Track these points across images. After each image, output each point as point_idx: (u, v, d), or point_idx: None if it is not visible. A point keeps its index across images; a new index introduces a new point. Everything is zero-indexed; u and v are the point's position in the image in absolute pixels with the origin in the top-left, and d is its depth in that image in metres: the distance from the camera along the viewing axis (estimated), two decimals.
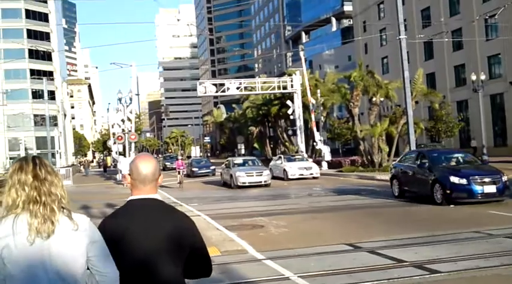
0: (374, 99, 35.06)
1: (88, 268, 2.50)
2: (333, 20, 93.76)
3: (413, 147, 29.53)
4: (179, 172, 30.16)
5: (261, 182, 26.61)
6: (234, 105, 71.03)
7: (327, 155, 37.44)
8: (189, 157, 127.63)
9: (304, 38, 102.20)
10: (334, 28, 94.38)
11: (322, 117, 39.47)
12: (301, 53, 41.54)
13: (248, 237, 11.24)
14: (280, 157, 33.78)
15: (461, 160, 17.23)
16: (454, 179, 14.80)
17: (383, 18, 65.33)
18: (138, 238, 2.70)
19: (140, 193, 2.84)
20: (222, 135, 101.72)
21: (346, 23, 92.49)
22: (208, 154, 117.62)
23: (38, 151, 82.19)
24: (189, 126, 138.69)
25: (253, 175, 26.64)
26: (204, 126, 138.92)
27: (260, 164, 29.71)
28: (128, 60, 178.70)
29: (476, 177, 14.85)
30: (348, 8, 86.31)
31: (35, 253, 2.37)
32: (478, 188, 14.58)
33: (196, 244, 2.89)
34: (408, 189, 17.46)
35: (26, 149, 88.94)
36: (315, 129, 38.45)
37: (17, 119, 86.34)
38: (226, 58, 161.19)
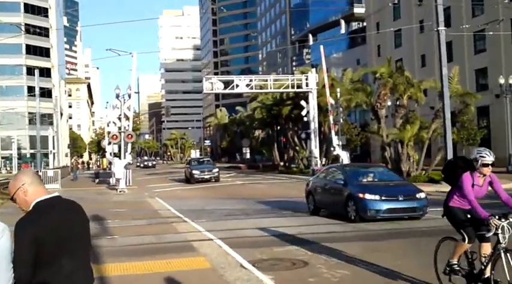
0: (401, 99, 31.14)
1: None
2: (342, 22, 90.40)
3: (450, 155, 25.79)
4: None
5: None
6: (238, 107, 67.08)
7: (346, 162, 33.40)
8: None
9: (311, 40, 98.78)
10: (343, 30, 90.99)
11: (341, 119, 35.46)
12: (321, 48, 37.64)
13: None
14: None
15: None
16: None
17: (398, 19, 61.79)
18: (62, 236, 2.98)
19: (42, 194, 3.10)
20: (224, 138, 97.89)
21: (355, 25, 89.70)
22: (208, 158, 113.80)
23: (32, 151, 78.22)
24: (190, 128, 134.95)
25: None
26: (205, 129, 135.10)
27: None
28: (129, 62, 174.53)
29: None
30: (358, 10, 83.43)
31: None
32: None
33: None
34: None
35: (18, 148, 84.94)
36: (333, 132, 34.45)
37: (11, 117, 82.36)
38: (229, 61, 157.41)
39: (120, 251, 10.42)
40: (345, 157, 33.39)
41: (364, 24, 78.24)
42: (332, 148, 34.74)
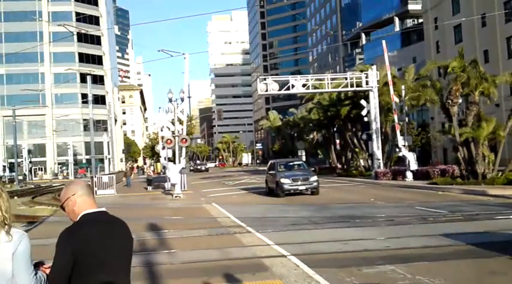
0: (472, 95, 28.64)
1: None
2: (396, 19, 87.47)
3: None
4: None
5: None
6: (292, 109, 65.29)
7: (413, 164, 31.17)
8: (240, 164, 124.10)
9: (363, 39, 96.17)
10: (397, 28, 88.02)
11: (406, 119, 33.14)
12: (383, 42, 35.48)
13: None
14: None
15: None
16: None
17: (457, 13, 58.71)
18: (100, 251, 3.01)
19: (90, 207, 3.14)
20: (276, 141, 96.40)
21: (410, 22, 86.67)
22: (258, 161, 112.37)
23: (87, 157, 79.27)
24: (240, 132, 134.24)
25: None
26: (257, 132, 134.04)
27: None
28: (180, 68, 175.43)
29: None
30: (412, 7, 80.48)
31: None
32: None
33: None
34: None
35: (74, 154, 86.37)
36: (398, 132, 32.21)
37: (66, 124, 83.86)
38: (279, 63, 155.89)
39: (182, 270, 8.97)
40: (411, 158, 31.13)
41: (420, 20, 75.39)
42: (397, 150, 32.54)
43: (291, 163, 29.03)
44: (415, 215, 16.47)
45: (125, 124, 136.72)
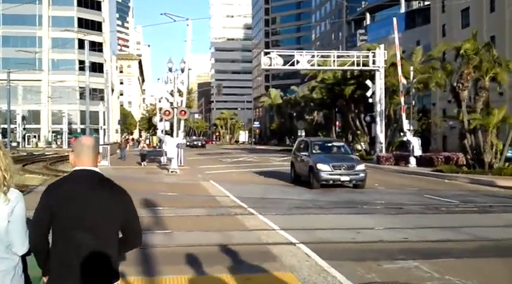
0: (482, 80, 27.59)
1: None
2: (402, 1, 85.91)
3: None
4: None
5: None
6: (293, 87, 63.98)
7: (417, 149, 30.24)
8: (237, 141, 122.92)
9: (368, 19, 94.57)
10: (402, 10, 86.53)
11: (413, 102, 32.10)
12: (394, 20, 34.21)
13: None
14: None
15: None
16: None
17: None
18: (79, 209, 2.98)
19: (83, 164, 3.11)
20: (275, 119, 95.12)
21: (415, 4, 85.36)
22: (254, 140, 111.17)
23: (82, 126, 77.96)
24: (239, 109, 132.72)
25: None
26: (255, 110, 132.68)
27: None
28: (181, 38, 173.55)
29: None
30: None
31: None
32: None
33: (131, 218, 3.15)
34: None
35: (69, 123, 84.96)
36: (404, 115, 31.22)
37: (62, 90, 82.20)
38: (281, 40, 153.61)
39: (179, 255, 8.01)
40: (416, 144, 30.21)
41: (426, 3, 74.02)
42: (401, 134, 31.60)
43: (329, 144, 22.91)
44: (425, 203, 15.62)
45: (121, 94, 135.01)
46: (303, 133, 48.84)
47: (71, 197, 2.98)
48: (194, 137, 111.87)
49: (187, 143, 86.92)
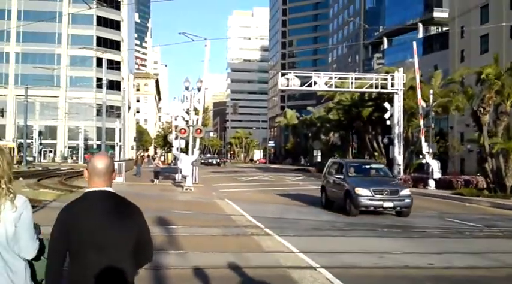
0: (504, 105, 27.11)
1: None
2: (420, 26, 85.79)
3: None
4: None
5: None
6: (309, 108, 63.75)
7: (436, 172, 29.65)
8: (252, 160, 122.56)
9: (385, 43, 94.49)
10: (420, 35, 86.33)
11: (432, 125, 31.60)
12: (414, 44, 33.94)
13: None
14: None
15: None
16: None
17: (486, 23, 57.00)
18: (92, 229, 2.94)
19: (95, 185, 3.09)
20: (290, 139, 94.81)
21: (433, 30, 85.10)
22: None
23: (98, 142, 78.25)
24: (254, 128, 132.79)
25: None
26: (270, 129, 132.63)
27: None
28: (198, 59, 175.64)
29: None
30: (438, 14, 78.92)
31: None
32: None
33: (144, 235, 3.10)
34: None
35: (85, 139, 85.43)
36: (423, 138, 30.71)
37: (79, 107, 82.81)
38: (297, 63, 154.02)
39: (194, 278, 7.62)
40: (435, 166, 29.62)
41: (445, 28, 73.86)
42: (420, 156, 31.04)
43: (367, 166, 20.58)
44: (448, 227, 15.09)
45: (138, 112, 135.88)
46: (319, 153, 48.35)
47: (84, 218, 2.98)
48: (209, 155, 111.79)
49: (202, 161, 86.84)
